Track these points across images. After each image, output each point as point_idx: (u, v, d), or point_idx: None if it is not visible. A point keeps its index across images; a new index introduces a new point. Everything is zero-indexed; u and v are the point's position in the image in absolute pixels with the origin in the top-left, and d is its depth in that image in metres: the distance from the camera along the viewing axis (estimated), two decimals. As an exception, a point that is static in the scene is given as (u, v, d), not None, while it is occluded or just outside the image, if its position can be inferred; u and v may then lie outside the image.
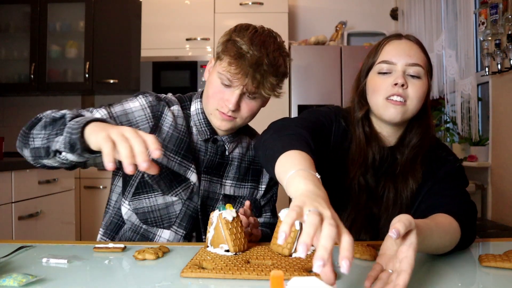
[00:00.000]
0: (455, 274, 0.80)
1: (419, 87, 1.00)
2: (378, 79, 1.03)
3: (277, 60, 1.06)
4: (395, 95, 0.99)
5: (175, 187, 1.14)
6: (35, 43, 3.36)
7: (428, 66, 1.04)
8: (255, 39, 1.05)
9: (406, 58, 1.01)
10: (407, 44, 1.03)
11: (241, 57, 1.03)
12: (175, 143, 1.13)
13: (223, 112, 1.08)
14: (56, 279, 0.76)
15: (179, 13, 3.18)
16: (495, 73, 2.27)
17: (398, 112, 1.00)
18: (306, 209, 0.58)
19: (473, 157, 2.43)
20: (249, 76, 1.03)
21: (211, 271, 0.76)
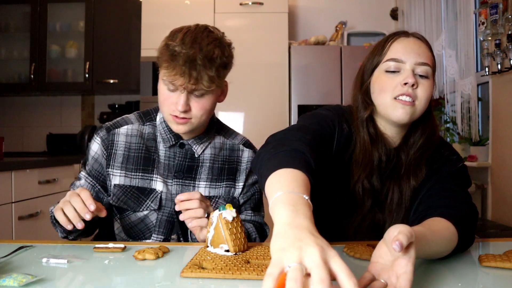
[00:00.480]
0: (455, 274, 0.80)
1: (427, 87, 0.98)
2: (386, 78, 0.99)
3: (212, 52, 1.06)
4: (404, 94, 0.96)
5: (144, 201, 1.19)
6: (35, 43, 3.35)
7: (435, 65, 1.02)
8: (186, 38, 1.06)
9: (416, 57, 0.97)
10: (416, 42, 1.00)
11: (174, 59, 1.05)
12: (133, 162, 1.20)
13: (176, 115, 1.11)
14: (56, 279, 0.76)
15: (179, 13, 3.17)
16: (495, 73, 2.27)
17: (406, 112, 0.97)
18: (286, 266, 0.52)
19: (473, 157, 2.43)
20: (185, 74, 1.04)
21: (211, 271, 0.76)
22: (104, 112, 3.50)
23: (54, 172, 2.62)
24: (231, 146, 1.28)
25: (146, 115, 1.26)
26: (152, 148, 1.21)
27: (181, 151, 1.21)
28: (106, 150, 1.20)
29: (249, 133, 1.27)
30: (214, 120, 1.29)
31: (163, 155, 1.21)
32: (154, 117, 1.25)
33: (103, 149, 1.21)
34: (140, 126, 1.23)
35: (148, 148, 1.21)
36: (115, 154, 1.20)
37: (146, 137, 1.22)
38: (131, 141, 1.21)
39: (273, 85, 3.17)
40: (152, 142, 1.22)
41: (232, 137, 1.30)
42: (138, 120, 1.24)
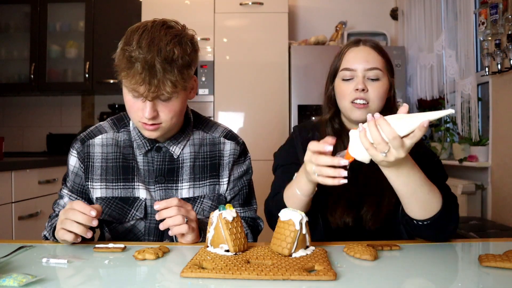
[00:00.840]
0: (455, 274, 0.80)
1: (378, 87, 1.13)
2: (343, 85, 1.16)
3: (173, 52, 0.98)
4: (358, 99, 1.12)
5: (128, 211, 1.16)
6: (35, 43, 3.35)
7: (387, 66, 1.17)
8: (143, 39, 0.98)
9: (364, 64, 1.13)
10: (365, 50, 1.16)
11: (131, 66, 0.97)
12: (112, 172, 1.16)
13: (145, 122, 1.05)
14: (56, 279, 0.76)
15: (179, 13, 3.17)
16: (495, 73, 2.27)
17: (362, 113, 1.12)
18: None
19: (473, 157, 2.43)
20: (145, 82, 0.97)
21: (211, 271, 0.76)
22: (104, 112, 3.50)
23: (54, 172, 2.63)
24: (212, 141, 1.22)
25: (119, 121, 1.21)
26: (130, 155, 1.17)
27: (159, 155, 1.17)
28: (83, 163, 1.17)
29: (249, 133, 1.27)
30: (189, 116, 1.22)
31: (142, 162, 1.16)
32: (128, 122, 1.20)
33: (80, 163, 1.17)
34: (115, 134, 1.18)
35: (125, 156, 1.17)
36: (93, 167, 1.16)
37: (122, 145, 1.18)
38: (107, 151, 1.17)
39: (273, 85, 3.17)
40: (128, 149, 1.17)
41: (212, 130, 1.24)
42: (112, 127, 1.20)
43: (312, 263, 0.81)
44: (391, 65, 1.19)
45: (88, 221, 0.95)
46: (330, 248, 0.95)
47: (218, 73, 3.17)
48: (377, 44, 1.18)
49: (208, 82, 3.17)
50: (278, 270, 0.76)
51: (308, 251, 0.88)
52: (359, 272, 0.80)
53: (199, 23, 3.18)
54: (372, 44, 1.17)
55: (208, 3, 3.19)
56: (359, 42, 1.18)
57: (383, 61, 1.16)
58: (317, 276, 0.74)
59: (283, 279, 0.74)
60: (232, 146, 1.22)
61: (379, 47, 1.18)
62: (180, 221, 0.99)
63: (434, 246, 0.99)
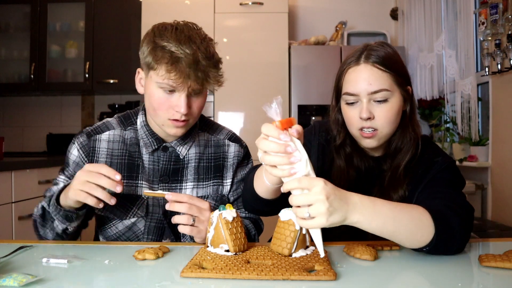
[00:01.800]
0: (455, 274, 0.80)
1: (387, 110, 1.00)
2: (348, 111, 1.04)
3: (209, 50, 1.04)
4: (364, 128, 1.01)
5: (130, 209, 1.15)
6: (35, 43, 3.35)
7: (398, 79, 1.01)
8: (180, 37, 1.01)
9: (368, 87, 0.99)
10: (366, 70, 1.00)
11: (177, 61, 0.99)
12: (116, 169, 1.15)
13: (176, 119, 1.06)
14: (56, 279, 0.76)
15: (179, 13, 3.17)
16: (495, 73, 2.27)
17: (372, 141, 1.02)
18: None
19: (473, 157, 2.43)
20: (191, 76, 1.00)
21: (211, 271, 0.76)
22: (104, 112, 3.50)
23: (54, 172, 2.61)
24: (216, 142, 1.23)
25: (127, 119, 1.21)
26: (136, 153, 1.17)
27: (165, 155, 1.17)
28: (87, 157, 1.17)
29: (249, 133, 1.27)
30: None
31: (147, 160, 1.17)
32: (135, 120, 1.20)
33: (83, 156, 1.17)
34: (122, 132, 1.19)
35: (131, 154, 1.17)
36: (97, 162, 1.16)
37: (128, 143, 1.18)
38: (113, 147, 1.17)
39: (273, 85, 3.17)
40: (135, 147, 1.18)
41: (216, 132, 1.25)
42: (120, 125, 1.20)
43: (312, 263, 0.81)
44: (403, 75, 1.03)
45: (113, 186, 0.94)
46: (330, 248, 0.95)
47: (218, 73, 3.17)
48: (384, 57, 1.00)
49: (208, 82, 3.16)
50: (278, 270, 0.76)
51: (308, 251, 0.88)
52: (359, 272, 0.80)
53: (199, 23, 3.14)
54: (376, 59, 1.00)
55: (208, 3, 3.19)
56: (360, 58, 1.01)
57: (391, 77, 1.00)
58: (317, 276, 0.74)
59: (283, 279, 0.74)
60: (236, 148, 1.24)
61: (385, 61, 1.00)
62: (185, 221, 0.99)
63: (434, 246, 0.99)
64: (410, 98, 1.05)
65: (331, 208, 0.73)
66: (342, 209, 0.74)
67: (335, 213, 0.73)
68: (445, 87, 2.82)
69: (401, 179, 1.05)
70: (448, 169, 1.04)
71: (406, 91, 1.04)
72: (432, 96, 3.01)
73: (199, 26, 1.10)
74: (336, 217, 0.74)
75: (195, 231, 0.99)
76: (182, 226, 0.99)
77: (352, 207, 0.76)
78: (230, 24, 3.21)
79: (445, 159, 1.07)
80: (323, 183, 0.73)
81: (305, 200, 0.73)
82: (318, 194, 0.72)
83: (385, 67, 1.00)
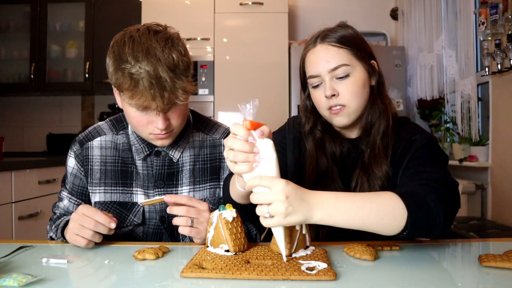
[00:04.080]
0: (455, 274, 0.80)
1: (350, 85, 1.02)
2: (315, 94, 1.06)
3: (172, 58, 0.94)
4: (332, 106, 1.03)
5: (127, 216, 1.14)
6: (35, 43, 3.35)
7: (358, 53, 1.03)
8: (137, 52, 0.92)
9: (326, 65, 1.02)
10: (323, 49, 1.03)
11: (136, 84, 0.92)
12: (111, 176, 1.14)
13: (157, 133, 1.02)
14: (56, 279, 0.76)
15: (179, 13, 3.17)
16: (495, 73, 2.27)
17: (342, 118, 1.04)
18: None
19: (473, 157, 2.43)
20: (156, 97, 0.92)
21: (211, 271, 0.76)
22: (104, 112, 3.50)
23: (54, 172, 2.63)
24: (212, 143, 1.19)
25: (118, 122, 1.19)
26: (128, 159, 1.15)
27: (158, 159, 1.14)
28: (83, 166, 1.16)
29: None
30: (189, 118, 1.18)
31: (140, 166, 1.14)
32: (127, 124, 1.17)
33: (79, 166, 1.16)
34: (114, 137, 1.17)
35: (124, 160, 1.15)
36: (92, 170, 1.15)
37: (121, 148, 1.16)
38: (106, 154, 1.15)
39: (273, 85, 3.17)
40: (127, 152, 1.15)
41: (212, 131, 1.20)
42: (111, 129, 1.18)
43: (312, 263, 0.81)
44: (364, 49, 1.05)
45: (107, 231, 0.96)
46: (330, 248, 0.95)
47: (218, 73, 3.17)
48: (340, 35, 1.03)
49: (208, 82, 3.17)
50: (278, 270, 0.76)
51: (308, 251, 0.88)
52: (359, 272, 0.80)
53: (199, 23, 3.18)
54: (331, 39, 1.03)
55: (208, 3, 3.19)
56: (316, 40, 1.04)
57: (350, 52, 1.02)
58: (317, 276, 0.74)
59: (283, 279, 0.74)
60: None
61: (342, 38, 1.03)
62: (183, 222, 0.98)
63: (434, 246, 0.99)
64: (376, 73, 1.07)
65: (290, 208, 0.73)
66: (302, 209, 0.74)
67: (295, 213, 0.74)
68: (445, 87, 2.82)
69: (381, 154, 1.05)
70: (426, 146, 1.02)
71: (370, 65, 1.06)
72: (432, 96, 3.01)
73: (161, 27, 1.00)
74: (295, 217, 0.74)
75: (194, 232, 0.98)
76: (181, 227, 0.98)
77: (313, 206, 0.76)
78: (230, 24, 3.21)
79: (423, 136, 1.04)
80: (284, 183, 0.74)
81: (265, 199, 0.74)
82: (277, 194, 0.73)
83: (341, 44, 1.02)
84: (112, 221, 0.96)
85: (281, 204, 0.73)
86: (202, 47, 3.18)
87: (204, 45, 3.17)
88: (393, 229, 0.81)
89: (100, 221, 0.95)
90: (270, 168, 0.76)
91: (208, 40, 3.17)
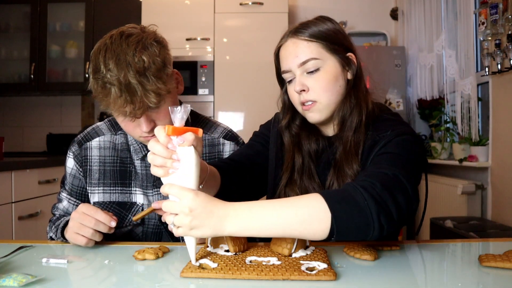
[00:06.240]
0: (455, 274, 0.80)
1: (319, 79, 0.99)
2: (289, 89, 1.05)
3: (142, 61, 0.93)
4: (303, 102, 1.01)
5: (126, 217, 1.14)
6: (35, 43, 3.35)
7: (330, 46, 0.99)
8: (108, 59, 0.94)
9: (295, 60, 1.00)
10: (292, 44, 1.02)
11: (108, 93, 0.94)
12: (110, 176, 1.15)
13: (145, 136, 1.03)
14: (56, 279, 0.76)
15: (179, 13, 3.17)
16: (495, 73, 2.27)
17: (314, 114, 1.01)
18: None
19: (473, 157, 2.43)
20: (128, 103, 0.93)
21: (211, 271, 0.76)
22: (104, 112, 3.50)
23: (54, 172, 2.63)
24: (211, 142, 1.19)
25: (117, 123, 1.18)
26: (127, 159, 1.15)
27: None
28: (81, 167, 1.16)
29: (248, 133, 1.25)
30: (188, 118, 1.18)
31: (139, 166, 1.15)
32: None
33: (78, 166, 1.17)
34: (112, 137, 1.17)
35: (122, 160, 1.15)
36: (91, 171, 1.16)
37: (119, 148, 1.16)
38: (105, 154, 1.16)
39: (273, 85, 3.14)
40: (126, 152, 1.16)
41: (211, 131, 1.21)
42: (110, 129, 1.18)
43: (312, 263, 0.81)
44: (339, 42, 1.01)
45: (107, 230, 0.96)
46: (330, 248, 0.95)
47: (218, 73, 3.17)
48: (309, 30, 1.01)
49: (208, 82, 3.17)
50: (278, 270, 0.76)
51: (308, 251, 0.88)
52: (359, 272, 0.80)
53: (199, 23, 3.18)
54: (301, 33, 1.01)
55: (208, 3, 3.19)
56: (287, 36, 1.04)
57: (321, 45, 0.99)
58: (317, 276, 0.74)
59: (283, 279, 0.74)
60: (232, 147, 1.20)
61: (312, 32, 1.00)
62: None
63: (434, 246, 0.99)
64: (353, 65, 1.02)
65: (195, 221, 0.72)
66: (208, 223, 0.72)
67: (200, 227, 0.73)
68: (445, 87, 2.82)
69: (352, 152, 0.99)
70: (393, 143, 0.92)
71: (345, 58, 1.01)
72: (432, 96, 3.01)
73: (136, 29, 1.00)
74: (201, 230, 0.73)
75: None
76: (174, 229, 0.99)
77: (223, 219, 0.73)
78: (230, 24, 3.21)
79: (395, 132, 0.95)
80: (193, 195, 0.72)
81: (171, 208, 0.74)
82: (183, 206, 0.72)
83: (311, 37, 1.00)
84: (113, 219, 0.96)
85: (185, 217, 0.72)
86: (202, 47, 3.18)
87: (204, 45, 3.17)
88: (319, 232, 0.75)
89: (101, 220, 0.95)
90: (188, 176, 0.75)
91: (208, 40, 3.17)
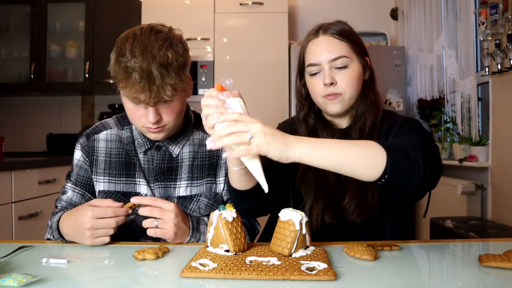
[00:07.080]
0: (455, 274, 0.80)
1: (348, 75, 1.09)
2: (312, 81, 1.12)
3: (167, 56, 1.00)
4: (328, 94, 1.09)
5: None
6: (35, 43, 3.35)
7: (356, 48, 1.10)
8: (135, 48, 1.00)
9: (328, 55, 1.09)
10: (325, 40, 1.10)
11: (129, 77, 1.00)
12: (115, 167, 1.19)
13: (149, 127, 1.08)
14: (56, 279, 0.76)
15: (179, 13, 3.17)
16: (495, 73, 2.27)
17: (337, 105, 1.10)
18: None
19: (473, 157, 2.43)
20: (145, 90, 0.99)
21: (211, 271, 0.76)
22: (104, 112, 3.50)
23: (54, 172, 2.63)
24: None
25: (124, 118, 1.24)
26: (132, 152, 1.20)
27: (158, 154, 1.19)
28: (88, 157, 1.21)
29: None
30: (190, 117, 1.24)
31: (142, 159, 1.20)
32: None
33: (85, 156, 1.21)
34: (119, 131, 1.22)
35: (128, 153, 1.20)
36: (97, 161, 1.20)
37: (125, 141, 1.21)
38: (111, 146, 1.21)
39: (273, 85, 3.17)
40: (131, 146, 1.21)
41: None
42: (117, 124, 1.24)
43: (312, 263, 0.81)
44: (360, 45, 1.13)
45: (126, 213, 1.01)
46: (330, 248, 0.95)
47: (218, 73, 3.17)
48: (340, 29, 1.11)
49: (208, 82, 3.17)
50: (278, 270, 0.76)
51: (308, 251, 0.88)
52: (359, 272, 0.80)
53: (199, 23, 3.18)
54: (333, 31, 1.11)
55: (208, 3, 3.19)
56: (318, 32, 1.12)
57: (349, 46, 1.10)
58: (317, 276, 0.74)
59: (283, 279, 0.74)
60: None
61: (342, 32, 1.11)
62: (148, 225, 1.01)
63: (434, 246, 0.99)
64: (369, 68, 1.15)
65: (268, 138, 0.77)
66: (280, 141, 0.78)
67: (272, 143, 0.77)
68: (445, 87, 2.82)
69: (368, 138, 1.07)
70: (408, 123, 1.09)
71: (364, 60, 1.13)
72: (432, 96, 3.01)
73: (166, 28, 1.07)
74: (272, 147, 0.77)
75: (159, 233, 1.01)
76: (148, 229, 1.01)
77: (293, 142, 0.79)
78: (230, 24, 3.21)
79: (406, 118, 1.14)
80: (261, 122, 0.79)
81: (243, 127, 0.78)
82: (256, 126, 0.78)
83: (342, 37, 1.10)
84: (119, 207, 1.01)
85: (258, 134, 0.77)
86: (202, 47, 3.18)
87: (204, 45, 3.17)
88: (373, 169, 0.82)
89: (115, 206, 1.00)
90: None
91: (208, 40, 3.17)
